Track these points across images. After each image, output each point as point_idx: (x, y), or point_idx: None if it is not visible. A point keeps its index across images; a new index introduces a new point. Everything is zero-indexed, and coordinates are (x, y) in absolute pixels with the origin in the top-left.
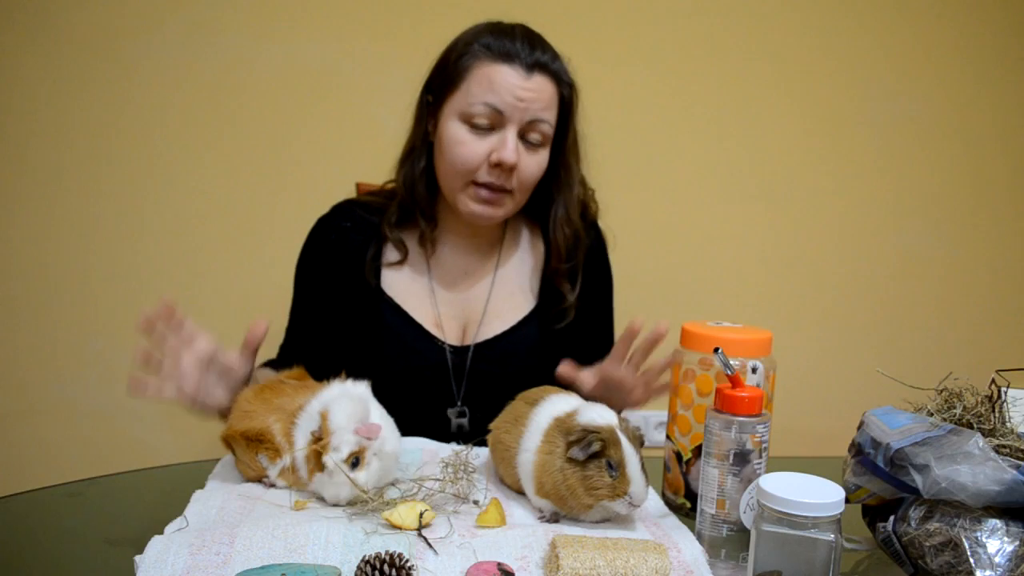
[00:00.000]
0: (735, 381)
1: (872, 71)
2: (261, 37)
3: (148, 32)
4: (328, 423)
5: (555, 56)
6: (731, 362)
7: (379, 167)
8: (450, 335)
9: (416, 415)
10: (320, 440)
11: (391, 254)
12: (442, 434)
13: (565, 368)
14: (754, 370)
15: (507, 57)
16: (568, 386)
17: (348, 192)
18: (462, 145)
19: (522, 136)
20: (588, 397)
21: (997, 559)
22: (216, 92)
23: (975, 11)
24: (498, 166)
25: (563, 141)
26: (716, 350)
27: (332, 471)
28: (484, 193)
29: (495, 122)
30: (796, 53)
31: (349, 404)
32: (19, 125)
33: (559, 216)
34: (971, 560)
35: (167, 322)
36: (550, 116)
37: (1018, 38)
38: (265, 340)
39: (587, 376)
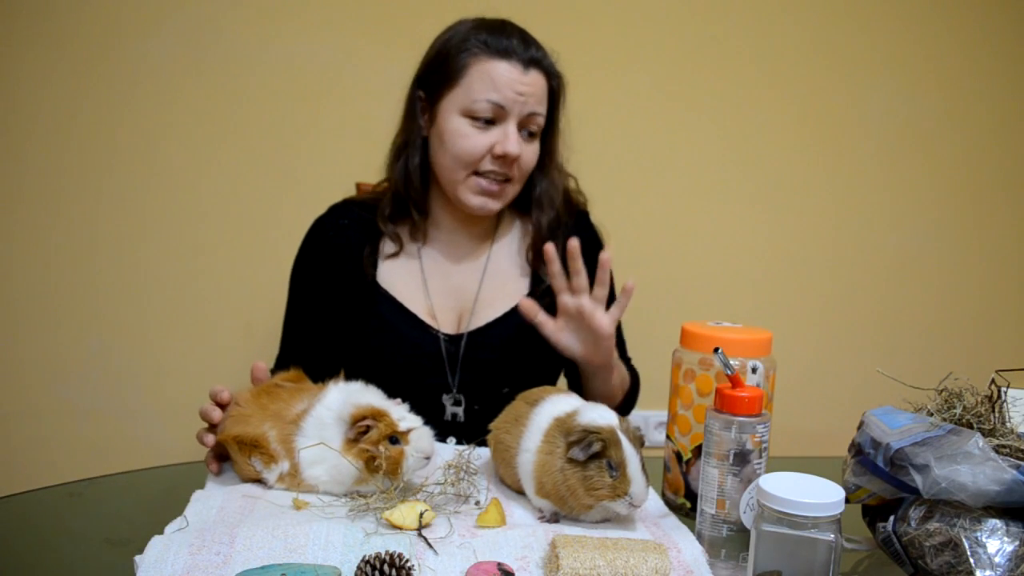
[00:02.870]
0: (735, 381)
1: (871, 72)
2: (262, 38)
3: (149, 32)
4: (375, 407)
5: (545, 52)
6: (731, 362)
7: (379, 167)
8: (444, 324)
9: (412, 405)
10: (367, 431)
11: (387, 247)
12: (437, 422)
13: (526, 303)
14: (754, 370)
15: (505, 54)
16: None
17: (348, 192)
18: (465, 138)
19: (520, 128)
20: (556, 338)
21: (997, 559)
22: (216, 93)
23: (974, 12)
24: (502, 157)
25: (551, 129)
26: (716, 350)
27: (420, 432)
28: (485, 184)
29: (497, 116)
30: (795, 53)
31: (370, 390)
32: (20, 125)
33: (542, 197)
34: (971, 560)
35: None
36: (544, 109)
37: (1017, 39)
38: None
39: (545, 317)
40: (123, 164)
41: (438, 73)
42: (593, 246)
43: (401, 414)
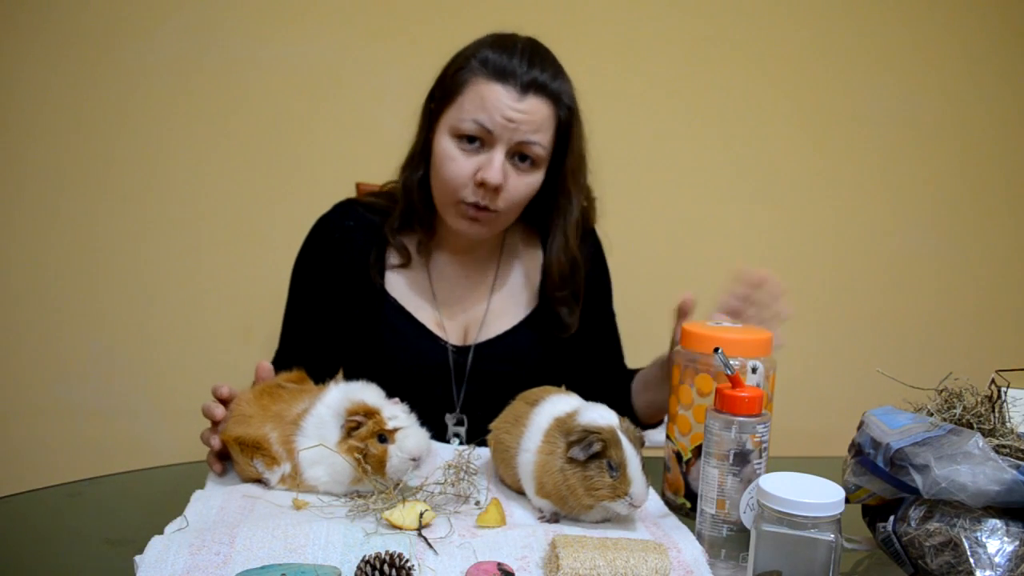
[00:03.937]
0: (735, 381)
1: (871, 72)
2: (262, 38)
3: (149, 32)
4: (367, 404)
5: (556, 74)
6: (731, 362)
7: (379, 167)
8: (452, 336)
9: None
10: (358, 427)
11: (393, 257)
12: (440, 431)
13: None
14: (754, 370)
15: (501, 76)
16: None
17: (348, 192)
18: (451, 161)
19: (512, 156)
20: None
21: (997, 559)
22: (217, 93)
23: (974, 12)
24: (482, 185)
25: (562, 165)
26: (716, 350)
27: (408, 432)
28: (471, 211)
29: (484, 140)
30: (795, 54)
31: (371, 388)
32: (21, 124)
33: (557, 244)
34: (971, 560)
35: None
36: (542, 138)
37: (1017, 39)
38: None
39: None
40: (123, 164)
41: (441, 88)
42: (596, 260)
43: (393, 413)
